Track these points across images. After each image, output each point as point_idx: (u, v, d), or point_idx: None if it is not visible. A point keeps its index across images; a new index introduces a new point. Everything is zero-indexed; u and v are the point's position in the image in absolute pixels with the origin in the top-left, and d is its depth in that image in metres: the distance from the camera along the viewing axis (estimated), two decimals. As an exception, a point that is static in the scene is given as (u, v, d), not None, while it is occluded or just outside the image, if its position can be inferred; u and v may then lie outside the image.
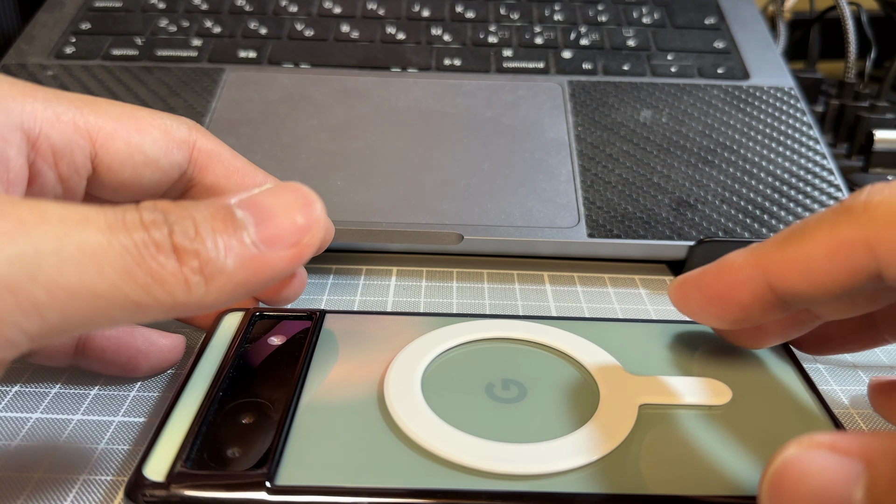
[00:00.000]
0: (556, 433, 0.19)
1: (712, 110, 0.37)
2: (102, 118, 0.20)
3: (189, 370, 0.21)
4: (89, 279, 0.14)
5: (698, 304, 0.20)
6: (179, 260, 0.15)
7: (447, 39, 0.41)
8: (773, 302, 0.19)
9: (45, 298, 0.14)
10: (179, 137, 0.21)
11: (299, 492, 0.17)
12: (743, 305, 0.19)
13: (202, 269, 0.15)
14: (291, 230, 0.17)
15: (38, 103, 0.19)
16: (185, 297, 0.15)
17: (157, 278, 0.15)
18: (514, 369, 0.22)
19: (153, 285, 0.15)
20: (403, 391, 0.20)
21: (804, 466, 0.14)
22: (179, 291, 0.15)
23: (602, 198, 0.32)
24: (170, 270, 0.15)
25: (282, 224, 0.17)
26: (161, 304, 0.15)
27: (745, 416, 0.20)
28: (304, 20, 0.42)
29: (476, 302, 0.30)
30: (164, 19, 0.42)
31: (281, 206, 0.17)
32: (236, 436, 0.19)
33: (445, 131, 0.35)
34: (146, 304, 0.15)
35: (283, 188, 0.18)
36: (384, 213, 0.31)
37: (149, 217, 0.15)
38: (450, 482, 0.18)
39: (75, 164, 0.20)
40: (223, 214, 0.16)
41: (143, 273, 0.15)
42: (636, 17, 0.43)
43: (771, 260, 0.18)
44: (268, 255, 0.16)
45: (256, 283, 0.16)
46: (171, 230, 0.15)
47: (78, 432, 0.22)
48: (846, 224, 0.17)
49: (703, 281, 0.20)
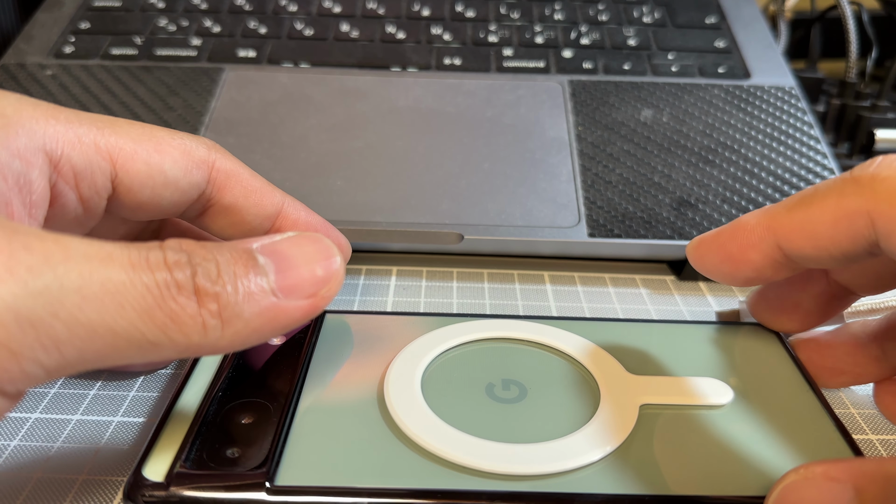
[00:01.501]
0: (557, 433, 0.19)
1: (713, 110, 0.37)
2: (123, 139, 0.20)
3: (188, 370, 0.21)
4: (109, 318, 0.14)
5: (713, 264, 0.21)
6: (199, 302, 0.15)
7: (447, 39, 0.41)
8: (782, 262, 0.20)
9: (65, 335, 0.14)
10: (199, 158, 0.21)
11: (299, 492, 0.17)
12: (754, 265, 0.20)
13: (220, 312, 0.15)
14: (311, 281, 0.17)
15: (59, 125, 0.19)
16: (200, 340, 0.15)
17: (176, 319, 0.15)
18: (515, 369, 0.22)
19: (171, 326, 0.15)
20: (403, 391, 0.20)
21: (801, 493, 0.16)
22: (196, 333, 0.15)
23: (603, 197, 0.32)
24: (189, 312, 0.15)
25: (302, 275, 0.17)
26: (176, 345, 0.15)
27: (745, 416, 0.20)
28: (303, 19, 0.42)
29: (476, 302, 0.30)
30: (163, 19, 0.42)
31: (302, 256, 0.17)
32: (236, 436, 0.19)
33: (445, 131, 0.35)
34: (161, 343, 0.15)
35: (306, 238, 0.18)
36: (384, 212, 0.31)
37: (173, 257, 0.15)
38: (450, 482, 0.18)
39: (96, 186, 0.20)
40: (245, 259, 0.16)
41: (162, 314, 0.15)
42: (637, 17, 0.43)
43: (781, 223, 0.20)
44: (285, 304, 0.17)
45: (270, 331, 0.17)
46: (194, 272, 0.15)
47: (77, 432, 0.21)
48: (852, 194, 0.18)
49: (717, 241, 0.21)
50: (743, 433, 0.20)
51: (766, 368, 0.22)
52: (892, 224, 0.17)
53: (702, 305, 0.30)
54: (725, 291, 0.31)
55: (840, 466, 0.16)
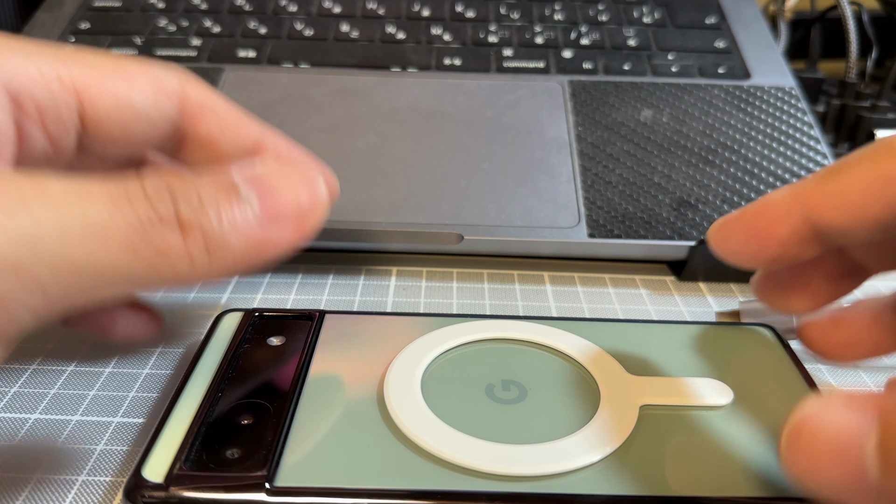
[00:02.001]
0: (557, 434, 0.19)
1: (713, 110, 0.37)
2: (88, 71, 0.19)
3: (188, 371, 0.21)
4: (93, 257, 0.14)
5: (737, 243, 0.20)
6: (183, 234, 0.15)
7: (447, 39, 0.41)
8: (810, 237, 0.19)
9: (49, 276, 0.14)
10: (169, 88, 0.20)
11: (299, 493, 0.17)
12: (781, 240, 0.20)
13: (206, 243, 0.15)
14: (295, 209, 0.17)
15: (19, 59, 0.18)
16: (188, 271, 0.15)
17: (161, 253, 0.15)
18: (515, 370, 0.22)
19: (157, 259, 0.15)
20: (403, 392, 0.20)
21: (821, 420, 0.15)
22: (182, 265, 0.15)
23: (602, 198, 0.32)
24: (174, 245, 0.15)
25: (285, 202, 0.17)
26: (163, 278, 0.15)
27: (746, 417, 0.20)
28: (303, 20, 0.42)
29: (476, 302, 0.30)
30: (163, 19, 0.42)
31: (286, 184, 0.17)
32: (236, 437, 0.19)
33: (445, 131, 0.35)
34: (148, 277, 0.15)
35: (288, 165, 0.17)
36: (384, 213, 0.31)
37: (152, 189, 0.15)
38: (450, 483, 0.18)
39: (63, 122, 0.19)
40: (226, 188, 0.16)
41: (147, 248, 0.14)
42: (637, 17, 0.43)
43: (809, 194, 0.19)
44: (270, 232, 0.16)
45: (257, 260, 0.16)
46: (175, 203, 0.15)
47: (77, 433, 0.21)
48: (885, 160, 0.18)
49: (743, 218, 0.20)
50: (743, 434, 0.20)
51: (766, 369, 0.22)
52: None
53: (702, 306, 0.30)
54: (725, 292, 0.31)
55: (862, 397, 0.15)
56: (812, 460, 0.15)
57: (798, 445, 0.15)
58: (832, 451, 0.14)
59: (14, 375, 0.24)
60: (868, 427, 0.14)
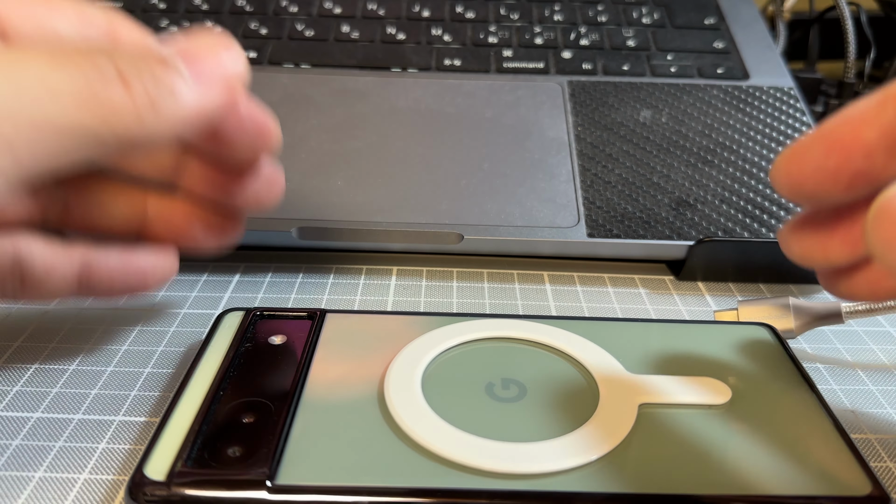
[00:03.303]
0: (556, 432, 0.19)
1: (712, 110, 0.37)
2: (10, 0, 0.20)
3: (190, 370, 0.21)
4: (50, 112, 0.15)
5: (815, 160, 0.18)
6: (128, 91, 0.16)
7: (447, 39, 0.41)
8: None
9: (13, 133, 0.14)
10: (96, 20, 0.21)
11: (300, 491, 0.17)
12: (869, 149, 0.17)
13: (149, 96, 0.16)
14: (218, 67, 0.18)
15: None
16: (139, 127, 0.16)
17: (111, 108, 0.16)
18: (514, 369, 0.22)
19: (109, 115, 0.16)
20: (403, 391, 0.20)
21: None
22: (133, 121, 0.16)
23: (602, 197, 0.32)
24: (122, 101, 0.16)
25: (209, 62, 0.18)
26: (118, 136, 0.16)
27: (744, 416, 0.20)
28: (304, 20, 0.42)
29: (476, 302, 0.30)
30: (164, 19, 0.42)
31: (204, 47, 0.18)
32: (237, 435, 0.19)
33: (445, 131, 0.35)
34: (104, 135, 0.16)
35: (202, 33, 0.19)
36: (384, 213, 0.31)
37: (92, 52, 0.16)
38: (450, 481, 0.18)
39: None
40: (155, 55, 0.17)
41: (97, 104, 0.15)
42: (636, 18, 0.43)
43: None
44: (203, 90, 0.18)
45: (199, 118, 0.18)
46: (115, 64, 0.16)
47: (79, 432, 0.22)
48: None
49: (822, 132, 0.18)
50: (741, 432, 0.20)
51: (764, 368, 0.22)
52: None
53: (701, 305, 0.30)
54: (724, 291, 0.31)
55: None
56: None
57: (886, 216, 0.15)
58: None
59: (16, 374, 0.24)
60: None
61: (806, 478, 0.18)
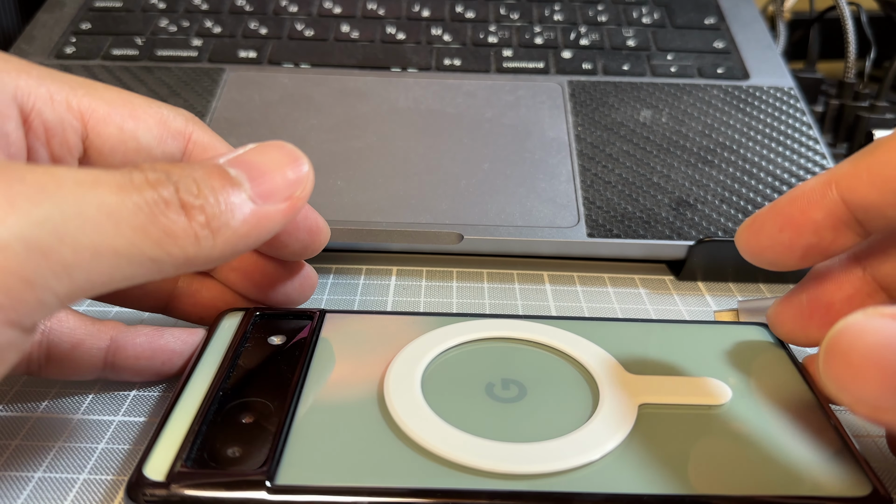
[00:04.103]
0: (556, 433, 0.19)
1: (712, 110, 0.37)
2: (97, 101, 0.20)
3: (189, 370, 0.21)
4: (110, 238, 0.15)
5: (770, 234, 0.20)
6: (188, 216, 0.16)
7: (447, 39, 0.41)
8: (846, 220, 0.19)
9: (73, 258, 0.14)
10: (175, 128, 0.21)
11: (299, 491, 0.17)
12: (816, 226, 0.19)
13: (209, 223, 0.16)
14: (284, 184, 0.18)
15: (31, 80, 0.19)
16: (196, 251, 0.16)
17: (170, 233, 0.16)
18: (514, 369, 0.22)
19: (166, 240, 0.16)
20: (403, 391, 0.20)
21: (861, 329, 0.15)
22: (190, 245, 0.16)
23: (602, 197, 0.32)
24: (180, 226, 0.16)
25: (275, 179, 0.18)
26: (174, 259, 0.16)
27: (744, 416, 0.20)
28: (304, 20, 0.42)
29: (476, 302, 0.30)
30: (164, 19, 0.42)
31: (271, 163, 0.18)
32: (236, 435, 0.19)
33: (445, 131, 0.35)
34: (160, 259, 0.16)
35: (270, 146, 0.19)
36: (384, 213, 0.31)
37: (153, 177, 0.16)
38: (450, 482, 0.18)
39: (67, 144, 0.20)
40: (219, 173, 0.17)
41: (156, 229, 0.15)
42: (636, 17, 0.43)
43: (843, 173, 0.19)
44: (265, 209, 0.18)
45: (257, 236, 0.18)
46: (176, 188, 0.16)
47: (78, 432, 0.22)
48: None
49: (774, 209, 0.20)
50: (741, 432, 0.20)
51: (765, 368, 0.22)
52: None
53: (700, 305, 0.30)
54: (724, 291, 0.31)
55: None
56: (850, 370, 0.15)
57: (836, 355, 0.15)
58: (871, 360, 0.14)
59: (16, 375, 0.24)
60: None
61: (806, 478, 0.18)
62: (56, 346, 0.21)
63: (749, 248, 0.21)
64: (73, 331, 0.21)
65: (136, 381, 0.23)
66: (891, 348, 0.14)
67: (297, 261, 0.25)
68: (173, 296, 0.24)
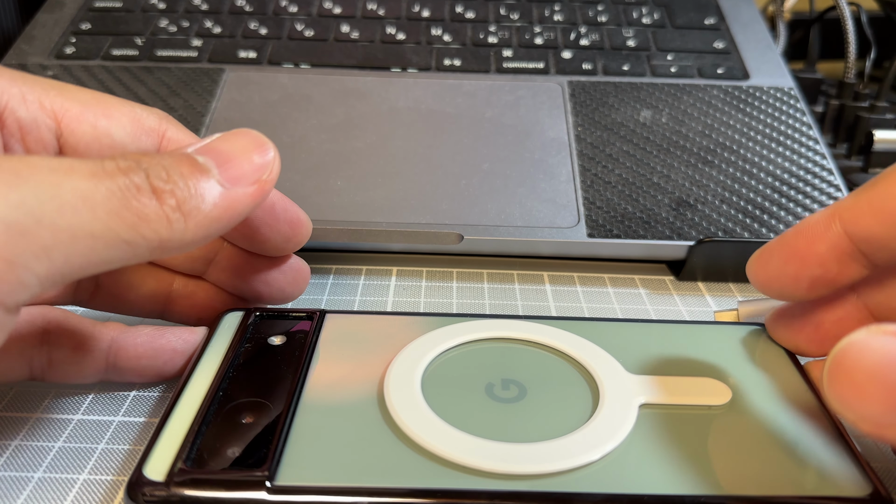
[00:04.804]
0: (556, 433, 0.19)
1: (712, 110, 0.37)
2: (69, 101, 0.20)
3: (189, 370, 0.21)
4: (86, 221, 0.15)
5: (777, 266, 0.21)
6: (159, 200, 0.17)
7: (447, 39, 0.41)
8: (851, 253, 0.19)
9: (51, 240, 0.15)
10: (149, 126, 0.21)
11: (299, 491, 0.17)
12: (821, 259, 0.20)
13: (180, 207, 0.17)
14: (251, 169, 0.19)
15: (3, 80, 0.20)
16: (169, 234, 0.17)
17: (143, 217, 0.16)
18: (514, 369, 0.22)
19: (140, 224, 0.16)
20: (403, 391, 0.20)
21: (865, 346, 0.15)
22: (163, 229, 0.17)
23: (602, 198, 0.32)
24: (152, 209, 0.16)
25: (242, 164, 0.19)
26: (148, 242, 0.16)
27: (744, 416, 0.20)
28: (304, 20, 0.42)
29: (476, 302, 0.30)
30: (164, 19, 0.42)
31: (238, 149, 0.19)
32: (236, 435, 0.19)
33: (445, 131, 0.35)
34: (135, 242, 0.16)
35: (236, 134, 0.19)
36: (384, 213, 0.31)
37: (124, 164, 0.17)
38: (450, 482, 0.18)
39: (42, 141, 0.20)
40: (188, 161, 0.18)
41: (129, 213, 0.16)
42: (636, 18, 0.43)
43: (846, 207, 0.19)
44: (234, 192, 0.18)
45: (228, 219, 0.18)
46: (147, 174, 0.17)
47: (78, 432, 0.22)
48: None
49: (781, 241, 0.21)
50: (741, 433, 0.20)
51: (765, 368, 0.22)
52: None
53: (700, 305, 0.30)
54: (724, 291, 0.31)
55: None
56: (854, 386, 0.15)
57: (840, 372, 0.15)
58: (874, 378, 0.15)
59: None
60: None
61: (806, 478, 0.18)
62: (57, 349, 0.21)
63: (758, 279, 0.22)
64: (73, 333, 0.21)
65: (139, 381, 0.23)
66: (894, 366, 0.15)
67: (284, 255, 0.25)
68: (170, 299, 0.24)
